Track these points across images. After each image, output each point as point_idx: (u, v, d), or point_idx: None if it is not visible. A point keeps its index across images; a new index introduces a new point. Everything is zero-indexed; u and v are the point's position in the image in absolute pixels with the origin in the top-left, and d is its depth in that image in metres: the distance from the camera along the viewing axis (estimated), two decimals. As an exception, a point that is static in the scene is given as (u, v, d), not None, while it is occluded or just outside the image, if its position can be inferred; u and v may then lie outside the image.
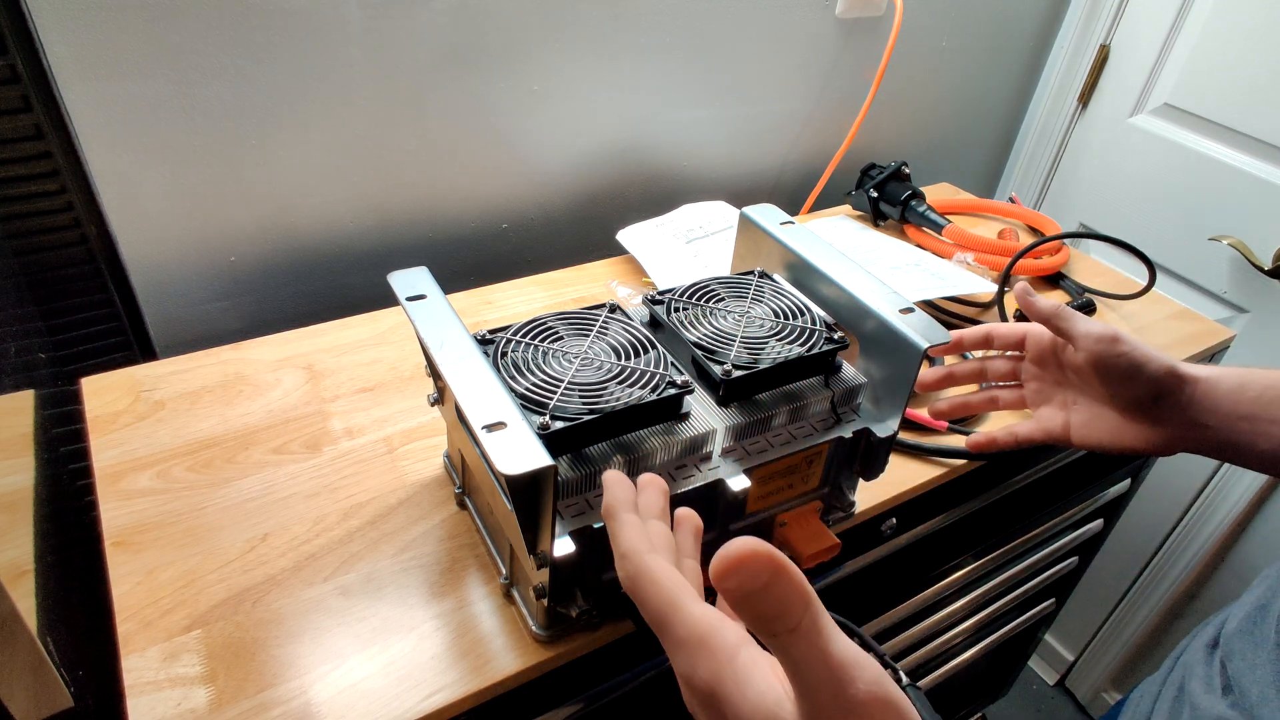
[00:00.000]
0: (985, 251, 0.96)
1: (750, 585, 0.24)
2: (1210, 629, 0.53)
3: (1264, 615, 0.47)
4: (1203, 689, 0.49)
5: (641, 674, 0.62)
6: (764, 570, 0.24)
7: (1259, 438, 0.50)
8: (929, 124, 1.29)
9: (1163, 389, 0.51)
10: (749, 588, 0.24)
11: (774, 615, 0.24)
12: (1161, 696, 0.54)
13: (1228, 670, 0.48)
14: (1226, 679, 0.48)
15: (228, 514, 0.60)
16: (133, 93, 0.70)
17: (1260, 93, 1.08)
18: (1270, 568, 0.51)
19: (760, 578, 0.24)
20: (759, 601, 0.24)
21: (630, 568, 0.32)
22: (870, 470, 0.59)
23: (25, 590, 0.50)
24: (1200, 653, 0.52)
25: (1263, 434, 0.50)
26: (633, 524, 0.33)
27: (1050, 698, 1.65)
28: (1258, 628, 0.47)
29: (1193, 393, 0.51)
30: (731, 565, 0.24)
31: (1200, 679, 0.50)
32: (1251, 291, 1.16)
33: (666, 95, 0.99)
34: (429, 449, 0.67)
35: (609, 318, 0.55)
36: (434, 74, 0.83)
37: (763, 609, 0.24)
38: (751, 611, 0.24)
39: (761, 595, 0.24)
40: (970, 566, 0.89)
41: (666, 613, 0.29)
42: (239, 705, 0.48)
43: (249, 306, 0.86)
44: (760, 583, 0.24)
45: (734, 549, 0.24)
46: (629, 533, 0.33)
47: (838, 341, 0.55)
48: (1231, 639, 0.49)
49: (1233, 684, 0.47)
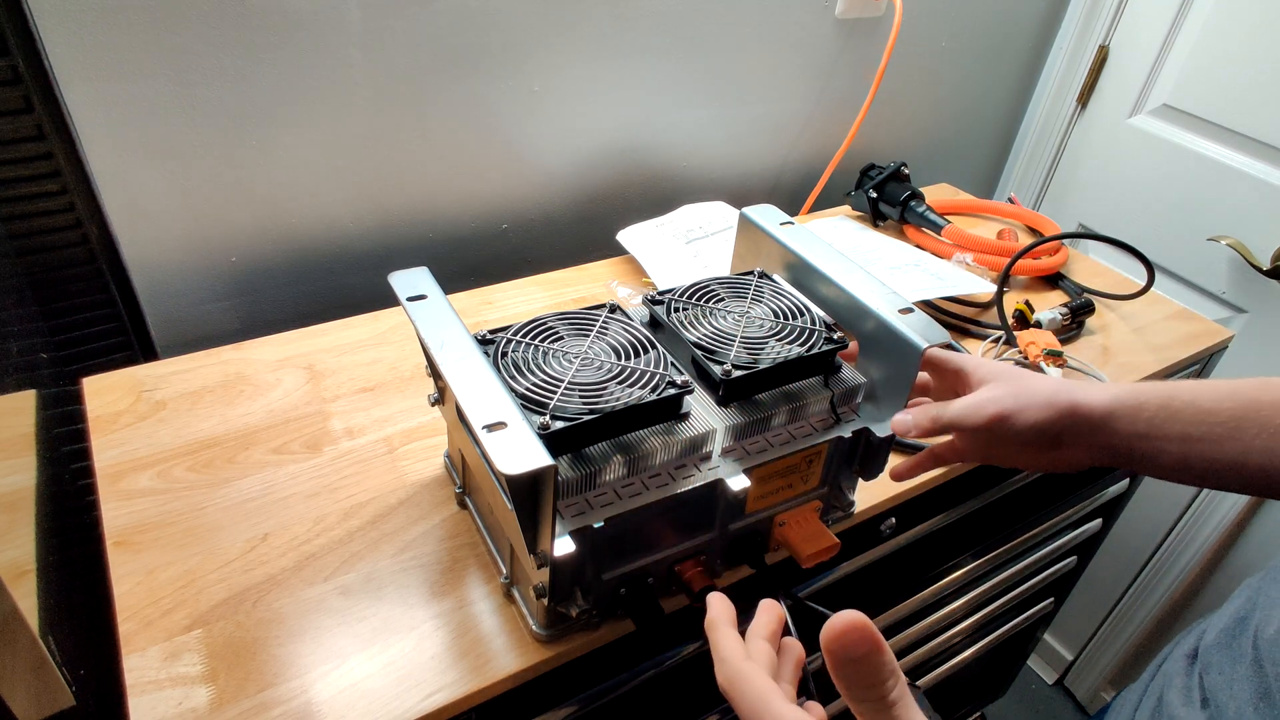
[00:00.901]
0: (984, 252, 0.97)
1: (853, 653, 0.29)
2: (1191, 638, 0.53)
3: (1242, 628, 0.47)
4: (1180, 700, 0.49)
5: (641, 673, 0.62)
6: (865, 642, 0.29)
7: (1160, 454, 0.51)
8: (929, 124, 1.29)
9: (1062, 431, 0.52)
10: (852, 655, 0.29)
11: (868, 683, 0.29)
12: (1141, 706, 0.54)
13: (1205, 683, 0.47)
14: (1204, 692, 0.47)
15: (228, 514, 0.60)
16: (134, 93, 0.70)
17: (1259, 93, 1.09)
18: (1250, 579, 0.51)
19: (861, 648, 0.29)
20: (859, 669, 0.29)
21: (729, 670, 0.37)
22: (870, 470, 0.59)
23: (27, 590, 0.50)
24: (1180, 663, 0.52)
25: (1161, 450, 0.51)
26: (731, 635, 0.39)
27: (1049, 697, 1.66)
28: (1235, 641, 0.47)
29: (1092, 422, 0.52)
30: (839, 632, 0.29)
31: (1179, 690, 0.50)
32: (1250, 292, 1.16)
33: (667, 95, 0.99)
34: (429, 449, 0.67)
35: (609, 318, 0.55)
36: (434, 74, 0.83)
37: (860, 676, 0.29)
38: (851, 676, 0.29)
39: (861, 663, 0.29)
40: (969, 566, 0.89)
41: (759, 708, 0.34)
42: (240, 704, 0.48)
43: (250, 306, 0.86)
44: (861, 652, 0.29)
45: (843, 620, 0.29)
46: (727, 642, 0.38)
47: (837, 341, 0.55)
48: (1210, 651, 0.49)
49: (1210, 698, 0.46)
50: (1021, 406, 0.52)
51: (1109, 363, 0.86)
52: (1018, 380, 0.54)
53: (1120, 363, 0.86)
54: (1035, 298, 0.96)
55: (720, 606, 0.41)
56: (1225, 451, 0.49)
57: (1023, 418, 0.52)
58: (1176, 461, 0.51)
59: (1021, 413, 0.52)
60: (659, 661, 0.62)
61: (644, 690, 0.63)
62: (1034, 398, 0.52)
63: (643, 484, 0.49)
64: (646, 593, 0.52)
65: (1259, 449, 0.49)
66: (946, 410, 0.55)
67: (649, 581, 0.53)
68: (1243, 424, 0.49)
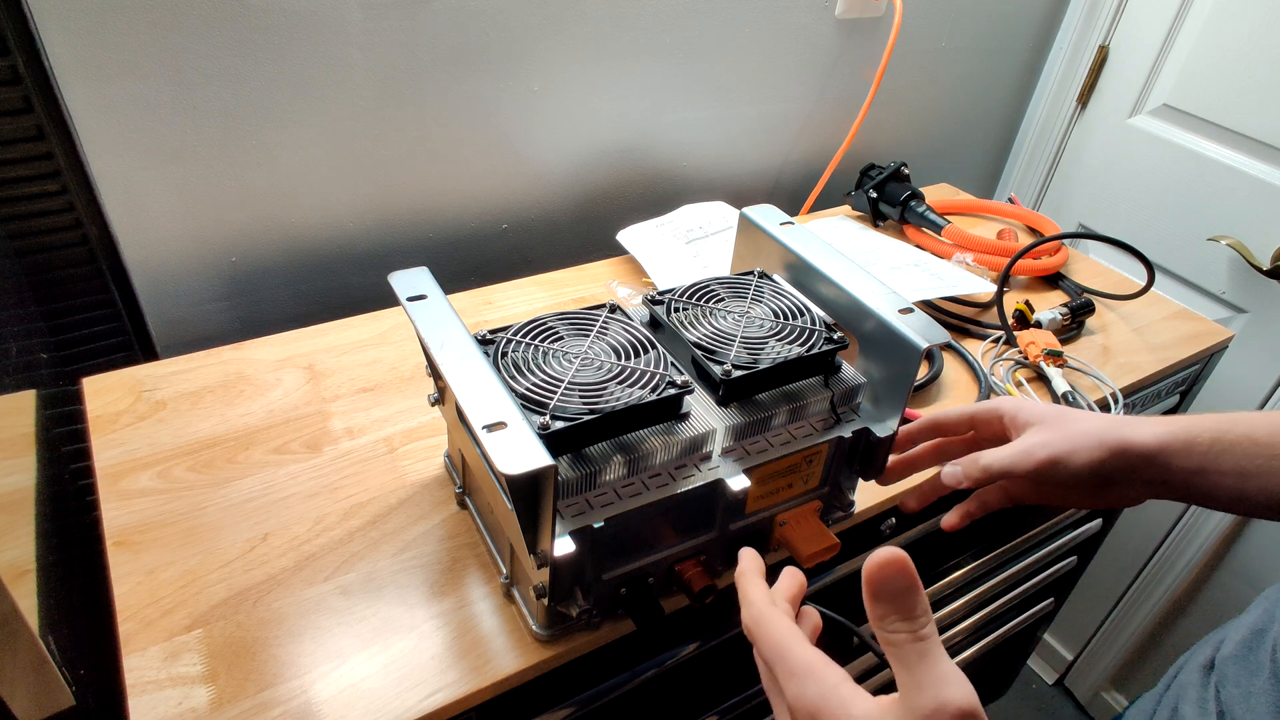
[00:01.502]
0: (984, 252, 0.97)
1: (893, 586, 0.31)
2: (1207, 649, 0.53)
3: (1260, 641, 0.46)
4: (1195, 713, 0.49)
5: (641, 673, 0.62)
6: (904, 576, 0.31)
7: (1216, 489, 0.50)
8: (928, 124, 1.29)
9: (1114, 470, 0.51)
10: (892, 588, 0.31)
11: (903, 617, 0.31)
12: (1156, 716, 0.54)
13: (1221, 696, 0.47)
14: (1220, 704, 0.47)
15: (228, 514, 0.60)
16: (134, 94, 0.70)
17: (1259, 93, 1.09)
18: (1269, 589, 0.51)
19: (902, 582, 0.31)
20: (897, 601, 0.31)
21: (754, 612, 0.38)
22: (870, 470, 0.59)
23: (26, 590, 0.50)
24: (1196, 674, 0.51)
25: (1216, 485, 0.50)
26: (759, 583, 0.40)
27: (1049, 697, 1.66)
28: (1253, 654, 0.46)
29: (1145, 460, 0.51)
30: (881, 564, 0.30)
31: (1194, 702, 0.49)
32: (1250, 291, 1.16)
33: (666, 95, 0.99)
34: (429, 449, 0.67)
35: (609, 318, 0.55)
36: (434, 75, 0.83)
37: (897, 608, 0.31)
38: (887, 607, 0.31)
39: (900, 596, 0.31)
40: (969, 566, 0.89)
41: (782, 649, 0.35)
42: (240, 704, 0.48)
43: (250, 307, 0.86)
44: (901, 586, 0.31)
45: (885, 553, 0.31)
46: (755, 589, 0.39)
47: (837, 341, 0.55)
48: (1226, 663, 0.48)
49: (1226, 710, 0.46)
50: (1073, 449, 0.51)
51: (1109, 363, 0.86)
52: (1064, 422, 0.53)
53: (1120, 363, 0.86)
54: (1035, 298, 0.96)
55: (750, 558, 0.42)
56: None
57: (1074, 460, 0.51)
58: (1233, 495, 0.50)
59: (1072, 455, 0.51)
60: (659, 661, 0.62)
61: (644, 690, 0.63)
62: (1084, 439, 0.51)
63: (643, 484, 0.49)
64: (646, 593, 0.52)
65: None
66: (996, 460, 0.53)
67: (649, 581, 0.53)
68: None
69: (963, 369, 0.83)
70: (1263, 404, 1.19)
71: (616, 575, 0.51)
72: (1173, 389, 0.95)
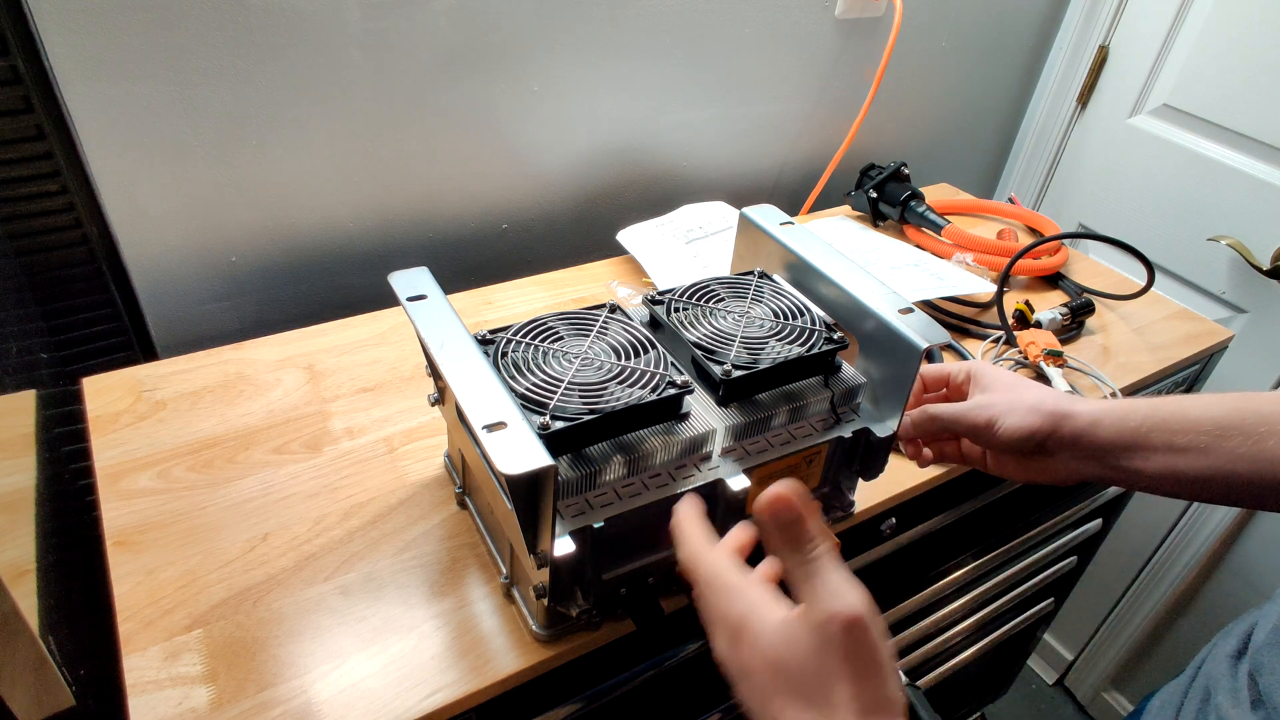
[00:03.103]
0: (984, 252, 0.97)
1: (782, 518, 0.34)
2: (1234, 639, 0.53)
3: None
4: (1230, 702, 0.49)
5: (641, 673, 0.62)
6: (791, 510, 0.34)
7: (1146, 467, 0.52)
8: (928, 124, 1.29)
9: (1048, 438, 0.54)
10: (781, 519, 0.34)
11: (796, 543, 0.34)
12: (1185, 708, 0.54)
13: (1258, 683, 0.47)
14: (1257, 693, 0.47)
15: (228, 514, 0.60)
16: (134, 94, 0.70)
17: (1259, 93, 1.09)
18: None
19: (790, 513, 0.34)
20: (787, 530, 0.34)
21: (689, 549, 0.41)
22: (870, 470, 0.59)
23: (27, 590, 0.50)
24: (1225, 663, 0.52)
25: (1147, 462, 0.52)
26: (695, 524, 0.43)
27: (1049, 697, 1.66)
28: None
29: (1077, 430, 0.53)
30: (770, 503, 0.34)
31: (1226, 691, 0.50)
32: (1250, 291, 1.16)
33: (666, 96, 0.99)
34: (429, 449, 0.67)
35: (609, 318, 0.55)
36: (434, 75, 0.83)
37: (789, 537, 0.34)
38: (781, 535, 0.34)
39: (790, 526, 0.34)
40: (969, 566, 0.89)
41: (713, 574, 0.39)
42: (240, 704, 0.48)
43: (250, 307, 0.86)
44: (789, 518, 0.34)
45: (771, 493, 0.34)
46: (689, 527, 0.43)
47: (837, 341, 0.55)
48: (1261, 651, 0.48)
49: (1264, 698, 0.46)
50: (1010, 411, 0.54)
51: (1109, 362, 0.86)
52: (1013, 387, 0.56)
53: (1120, 363, 0.86)
54: (1035, 298, 0.96)
55: (688, 503, 0.45)
56: (1211, 461, 0.50)
57: (1008, 421, 0.54)
58: (1163, 471, 0.51)
59: (1008, 416, 0.54)
60: (659, 661, 0.62)
61: (644, 690, 0.63)
62: (1024, 404, 0.54)
63: (643, 484, 0.49)
64: (646, 593, 0.52)
65: (1245, 457, 0.49)
66: (942, 411, 0.57)
67: (649, 581, 0.53)
68: (1228, 432, 0.50)
69: (963, 369, 0.83)
70: (1263, 404, 1.19)
71: (616, 575, 0.51)
72: (1173, 389, 0.95)
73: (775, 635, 0.35)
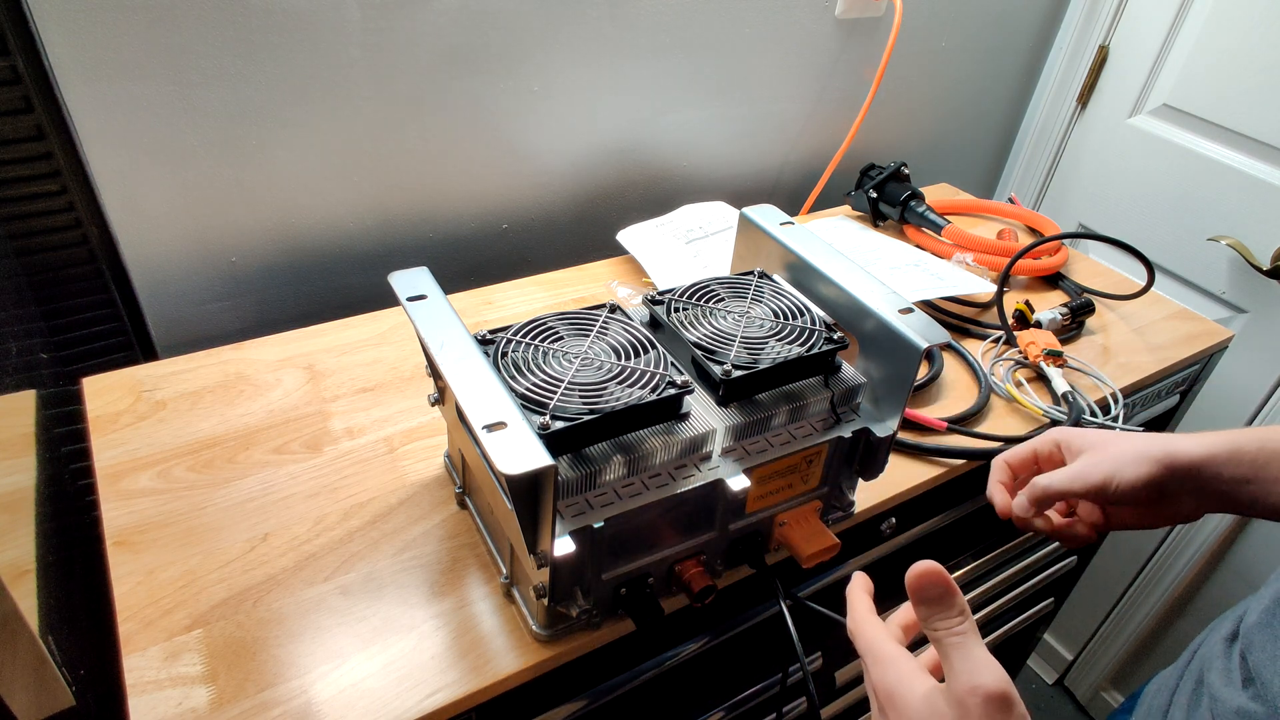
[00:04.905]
0: (984, 252, 0.97)
1: (929, 595, 0.37)
2: (1228, 623, 0.54)
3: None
4: (1222, 681, 0.50)
5: (641, 673, 0.62)
6: (939, 585, 0.37)
7: (1267, 496, 0.53)
8: (928, 124, 1.29)
9: (1164, 484, 0.54)
10: (928, 596, 0.37)
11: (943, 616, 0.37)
12: (1180, 689, 0.55)
13: (1248, 662, 0.49)
14: (1247, 671, 0.48)
15: (228, 514, 0.60)
16: (134, 94, 0.70)
17: (1259, 93, 1.09)
18: None
19: (937, 589, 0.37)
20: (936, 604, 0.37)
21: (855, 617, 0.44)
22: (870, 470, 0.59)
23: (26, 590, 0.50)
24: (1218, 646, 0.53)
25: (1267, 493, 0.53)
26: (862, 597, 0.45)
27: (1049, 697, 1.66)
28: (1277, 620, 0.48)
29: (1190, 471, 0.54)
30: (920, 576, 0.37)
31: (1219, 671, 0.51)
32: (1250, 292, 1.16)
33: (666, 96, 0.99)
34: (429, 449, 0.67)
35: (609, 318, 0.55)
36: (434, 74, 0.83)
37: (937, 609, 0.37)
38: (926, 610, 0.37)
39: (936, 602, 0.37)
40: (969, 566, 0.89)
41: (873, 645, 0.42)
42: (240, 704, 0.48)
43: (250, 307, 0.86)
44: (936, 594, 0.37)
45: (922, 567, 0.37)
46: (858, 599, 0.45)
47: (837, 341, 0.55)
48: (1251, 631, 0.50)
49: (1254, 676, 0.47)
50: (1120, 466, 0.54)
51: (1109, 363, 0.86)
52: (1110, 442, 0.57)
53: (1120, 363, 0.86)
54: (1035, 298, 0.96)
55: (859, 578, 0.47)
56: None
57: (1123, 477, 0.54)
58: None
59: (1121, 472, 0.54)
60: (659, 661, 0.63)
61: (644, 690, 0.63)
62: (1131, 456, 0.55)
63: (643, 484, 0.49)
64: (646, 593, 0.52)
65: None
66: (1053, 482, 0.57)
67: (649, 581, 0.53)
68: None
69: (963, 369, 0.83)
70: (1263, 404, 1.19)
71: (616, 575, 0.51)
72: (1173, 389, 0.95)
73: (921, 705, 0.37)
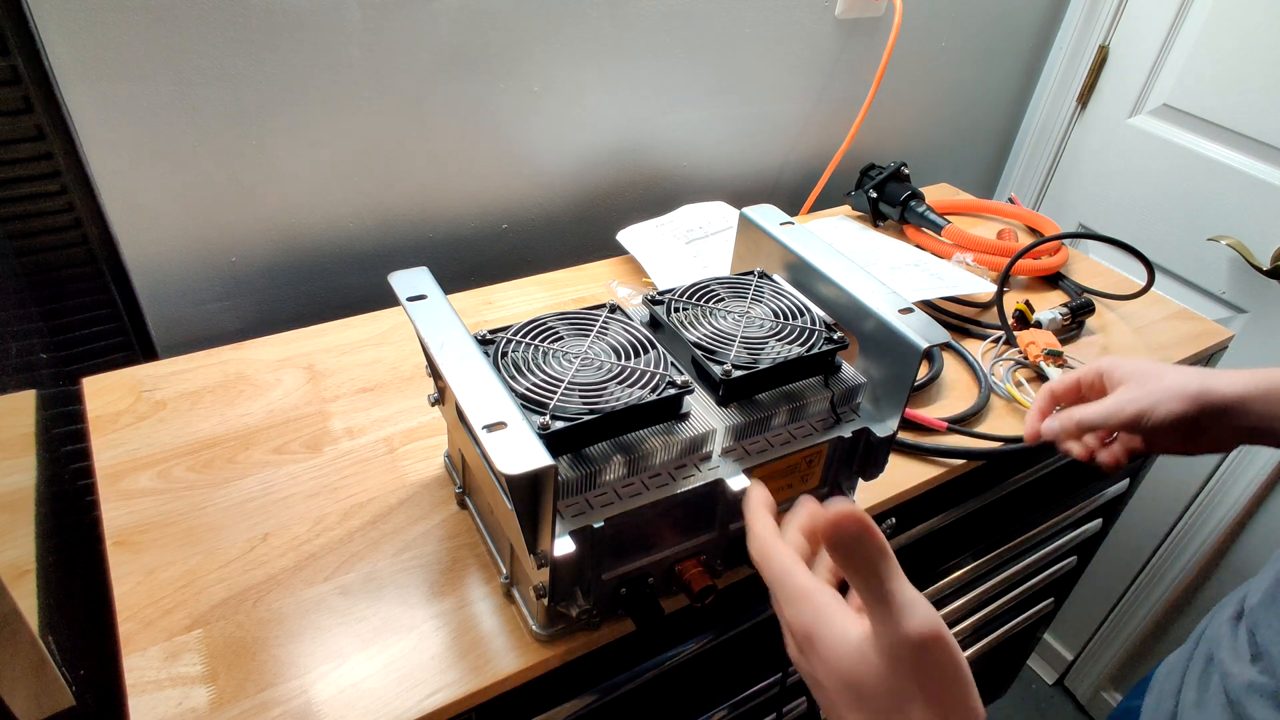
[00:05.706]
0: (984, 252, 0.97)
1: (849, 533, 0.33)
2: (1232, 604, 0.56)
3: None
4: (1231, 658, 0.52)
5: (642, 673, 0.62)
6: (854, 526, 0.33)
7: None
8: (929, 124, 1.29)
9: (1199, 418, 0.56)
10: (844, 540, 0.33)
11: (860, 561, 0.33)
12: (1190, 669, 0.57)
13: (1256, 639, 0.50)
14: (1256, 647, 0.50)
15: (228, 514, 0.60)
16: (134, 94, 0.70)
17: (1259, 93, 1.09)
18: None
19: (854, 526, 0.33)
20: (850, 550, 0.33)
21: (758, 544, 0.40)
22: (870, 470, 0.59)
23: (26, 590, 0.50)
24: (1225, 626, 0.55)
25: None
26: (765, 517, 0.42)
27: (1049, 697, 1.66)
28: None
29: (1227, 408, 0.56)
30: (833, 521, 0.33)
31: (1228, 649, 0.53)
32: (1250, 292, 1.16)
33: (666, 96, 0.99)
34: (429, 449, 0.67)
35: (609, 318, 0.55)
36: (434, 75, 0.83)
37: (853, 556, 0.33)
38: (844, 556, 0.33)
39: (852, 545, 0.33)
40: (969, 566, 0.89)
41: (781, 576, 0.38)
42: (240, 704, 0.48)
43: (250, 307, 0.86)
44: (854, 530, 0.33)
45: (836, 509, 0.33)
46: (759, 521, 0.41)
47: (837, 341, 0.55)
48: (1256, 610, 0.51)
49: (1262, 651, 0.49)
50: (1156, 402, 0.56)
51: (1109, 363, 0.86)
52: (1151, 375, 0.58)
53: (1120, 363, 0.86)
54: (1035, 298, 0.96)
55: (759, 493, 0.44)
56: None
57: (1158, 412, 0.56)
58: None
59: (1157, 408, 0.56)
60: (659, 661, 0.63)
61: (644, 690, 0.63)
62: (1168, 393, 0.56)
63: (643, 484, 0.49)
64: (646, 593, 0.52)
65: None
66: (1088, 415, 0.58)
67: (649, 581, 0.53)
68: None
69: (963, 369, 0.83)
70: (1263, 404, 1.19)
71: (616, 575, 0.51)
72: (1173, 389, 0.95)
73: (847, 653, 0.34)
